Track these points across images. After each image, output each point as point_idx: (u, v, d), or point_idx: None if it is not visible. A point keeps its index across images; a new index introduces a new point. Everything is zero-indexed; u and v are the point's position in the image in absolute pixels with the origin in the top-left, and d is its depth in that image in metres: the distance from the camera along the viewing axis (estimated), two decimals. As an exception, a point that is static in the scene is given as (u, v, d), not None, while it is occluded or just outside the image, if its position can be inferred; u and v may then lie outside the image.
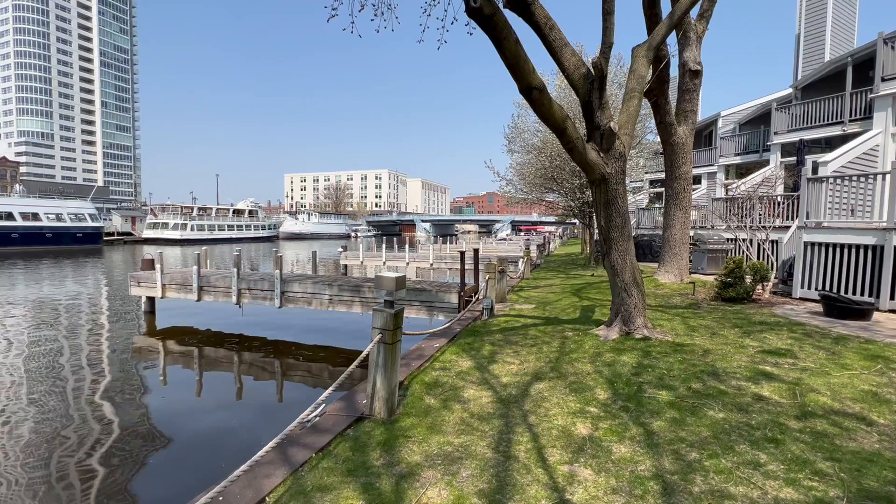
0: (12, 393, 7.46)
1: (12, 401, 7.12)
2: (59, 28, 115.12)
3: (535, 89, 5.41)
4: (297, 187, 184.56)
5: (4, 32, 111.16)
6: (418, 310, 10.32)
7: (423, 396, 4.54)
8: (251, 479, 3.01)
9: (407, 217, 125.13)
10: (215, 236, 65.85)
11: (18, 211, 43.60)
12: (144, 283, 13.08)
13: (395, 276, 4.19)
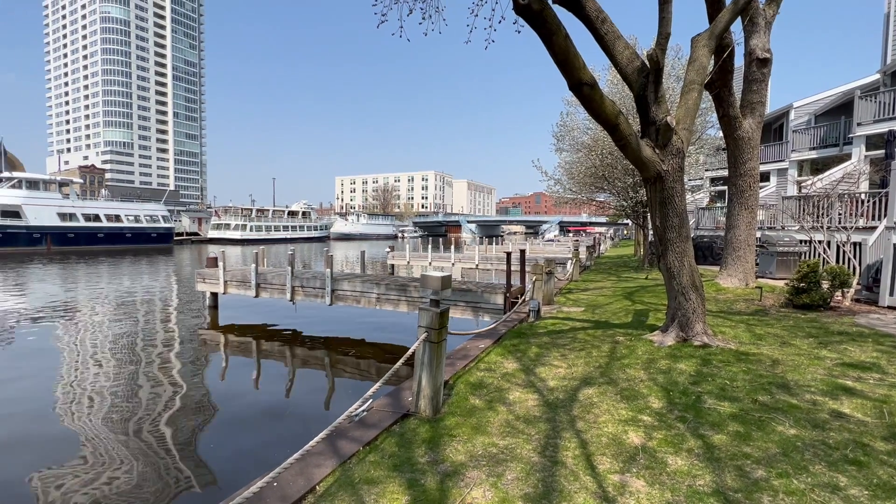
0: (100, 375, 8.27)
1: (100, 381, 7.89)
2: (139, 47, 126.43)
3: (586, 85, 5.24)
4: (346, 189, 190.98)
5: (94, 53, 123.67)
6: (463, 310, 10.33)
7: (468, 396, 4.52)
8: (303, 468, 3.13)
9: (452, 218, 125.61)
10: (272, 236, 69.54)
11: (104, 213, 48.32)
12: (209, 280, 14.04)
13: (440, 275, 4.21)
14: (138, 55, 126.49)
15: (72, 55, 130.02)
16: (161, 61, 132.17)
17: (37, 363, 9.29)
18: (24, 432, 6.10)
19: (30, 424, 6.34)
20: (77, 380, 8.15)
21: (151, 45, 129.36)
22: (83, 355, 9.74)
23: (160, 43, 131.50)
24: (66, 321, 13.17)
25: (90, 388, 7.70)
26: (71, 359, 9.51)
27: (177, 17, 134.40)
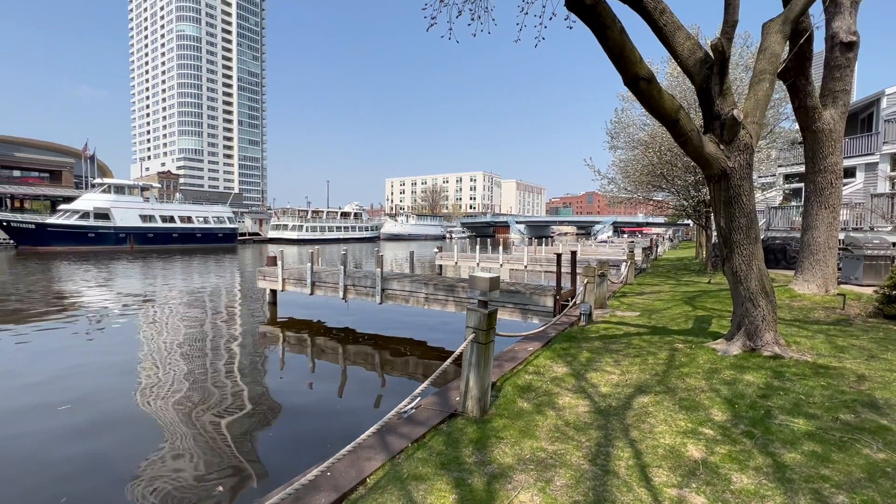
0: (172, 361, 9.04)
1: (172, 367, 8.62)
2: (208, 61, 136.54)
3: (643, 79, 5.02)
4: (396, 191, 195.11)
5: (170, 69, 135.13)
6: (511, 312, 10.22)
7: (516, 399, 4.48)
8: (354, 460, 3.24)
9: (501, 218, 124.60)
10: (325, 237, 72.53)
11: (178, 215, 52.68)
12: (269, 278, 14.89)
13: (488, 276, 4.20)
14: (208, 68, 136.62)
15: (152, 71, 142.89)
16: (227, 73, 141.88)
17: (122, 348, 10.30)
18: (111, 409, 6.78)
19: (115, 401, 7.04)
20: (154, 365, 8.95)
21: (219, 58, 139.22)
22: (159, 343, 10.67)
23: (227, 56, 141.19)
24: (146, 313, 14.50)
25: (164, 372, 8.43)
26: (148, 346, 10.45)
27: (242, 32, 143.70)
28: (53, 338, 11.43)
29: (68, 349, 10.40)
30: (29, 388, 7.70)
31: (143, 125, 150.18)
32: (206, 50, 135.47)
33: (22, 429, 6.15)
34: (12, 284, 20.52)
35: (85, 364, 9.16)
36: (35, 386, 7.78)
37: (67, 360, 9.42)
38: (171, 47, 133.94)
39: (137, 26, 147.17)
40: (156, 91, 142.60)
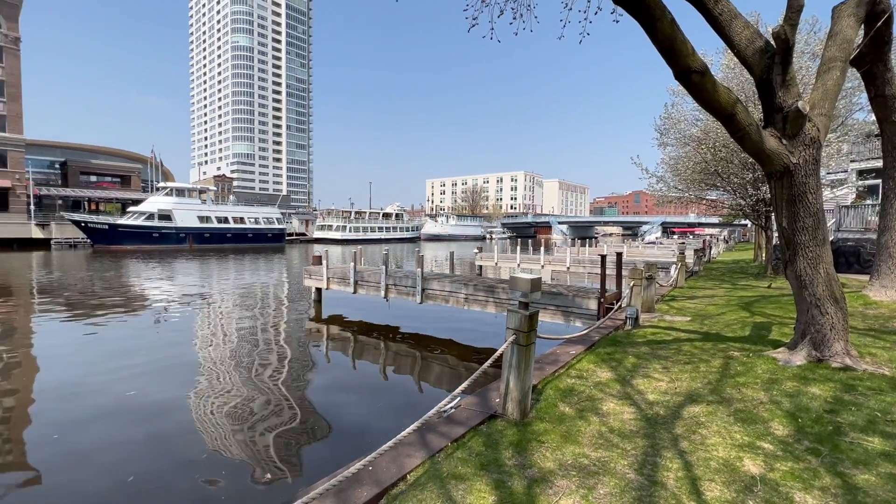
0: (225, 352, 9.59)
1: (225, 357, 9.15)
2: (259, 69, 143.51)
3: (696, 72, 4.77)
4: (436, 191, 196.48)
5: (225, 78, 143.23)
6: (553, 314, 10.02)
7: (557, 403, 4.39)
8: (395, 456, 3.30)
9: (542, 219, 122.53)
10: (368, 237, 74.28)
11: (231, 216, 55.79)
12: (314, 276, 15.45)
13: (529, 277, 4.14)
14: (259, 76, 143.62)
15: (209, 81, 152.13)
16: (277, 80, 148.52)
17: (181, 340, 11.04)
18: (169, 396, 7.28)
19: (174, 389, 7.55)
20: (208, 356, 9.52)
21: (269, 66, 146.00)
22: (214, 336, 11.35)
23: (276, 64, 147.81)
24: (203, 307, 15.46)
25: (217, 364, 8.95)
26: (204, 339, 11.14)
27: (290, 41, 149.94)
28: (124, 329, 12.44)
29: (136, 339, 11.28)
30: (102, 374, 8.41)
31: (200, 132, 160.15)
32: (257, 59, 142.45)
33: (95, 412, 6.73)
34: (91, 280, 22.52)
35: (149, 354, 9.89)
36: (108, 373, 8.49)
37: (135, 350, 10.22)
38: (227, 58, 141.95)
39: (197, 39, 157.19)
40: (212, 100, 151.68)
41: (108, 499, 4.50)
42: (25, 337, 11.58)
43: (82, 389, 7.65)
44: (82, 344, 10.89)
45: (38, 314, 14.25)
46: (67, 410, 6.76)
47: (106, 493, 4.62)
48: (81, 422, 6.36)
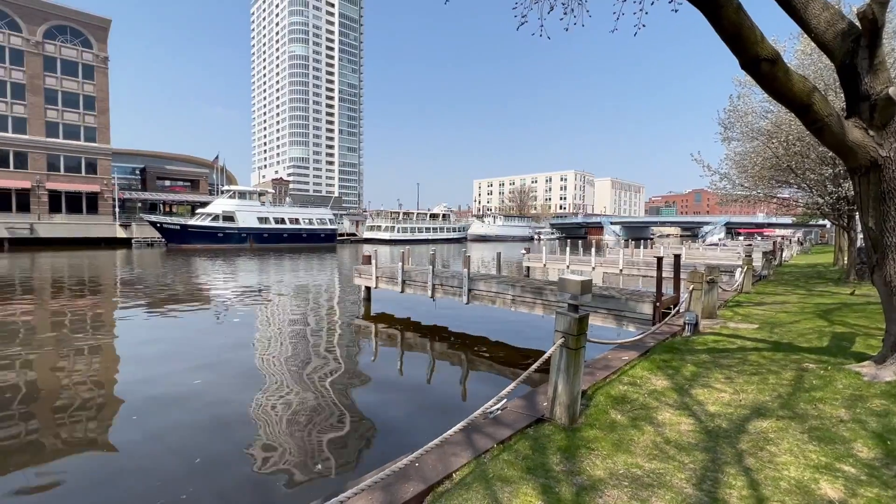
0: (280, 346, 10.11)
1: (280, 350, 9.65)
2: (314, 77, 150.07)
3: (765, 61, 4.42)
4: (483, 192, 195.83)
5: (283, 86, 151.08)
6: (604, 318, 9.67)
7: (608, 410, 4.23)
8: (441, 455, 3.32)
9: (593, 219, 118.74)
10: (415, 237, 75.40)
11: (287, 217, 58.74)
12: (364, 275, 15.91)
13: (579, 279, 4.02)
14: (314, 83, 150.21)
15: (269, 90, 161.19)
16: (330, 87, 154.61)
17: (242, 333, 11.77)
18: (230, 385, 7.78)
19: (235, 379, 8.07)
20: (265, 350, 10.08)
21: (323, 73, 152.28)
22: (271, 331, 12.00)
23: (329, 71, 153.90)
24: (262, 303, 16.39)
25: (273, 358, 9.45)
26: (262, 333, 11.80)
27: (343, 48, 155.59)
28: (192, 321, 13.47)
29: (202, 331, 12.17)
30: (173, 362, 9.15)
31: (260, 137, 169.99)
32: (312, 67, 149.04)
33: (166, 398, 7.33)
34: (165, 276, 24.58)
35: (213, 345, 10.63)
36: (177, 362, 9.22)
37: (201, 341, 11.03)
38: (284, 67, 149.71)
39: (258, 51, 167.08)
40: (271, 107, 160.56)
41: (178, 477, 4.88)
42: (110, 326, 12.84)
43: (156, 375, 8.36)
44: (156, 334, 11.91)
45: (121, 306, 15.74)
46: (143, 395, 7.41)
47: (176, 471, 5.02)
48: (155, 406, 6.95)
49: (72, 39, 51.91)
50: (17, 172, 48.34)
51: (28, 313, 14.00)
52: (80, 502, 4.55)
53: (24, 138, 48.82)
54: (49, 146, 50.33)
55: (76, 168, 52.23)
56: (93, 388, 7.77)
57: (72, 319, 13.21)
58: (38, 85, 49.81)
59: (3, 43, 47.84)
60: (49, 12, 50.20)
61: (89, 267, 28.78)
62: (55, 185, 50.19)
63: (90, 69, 53.17)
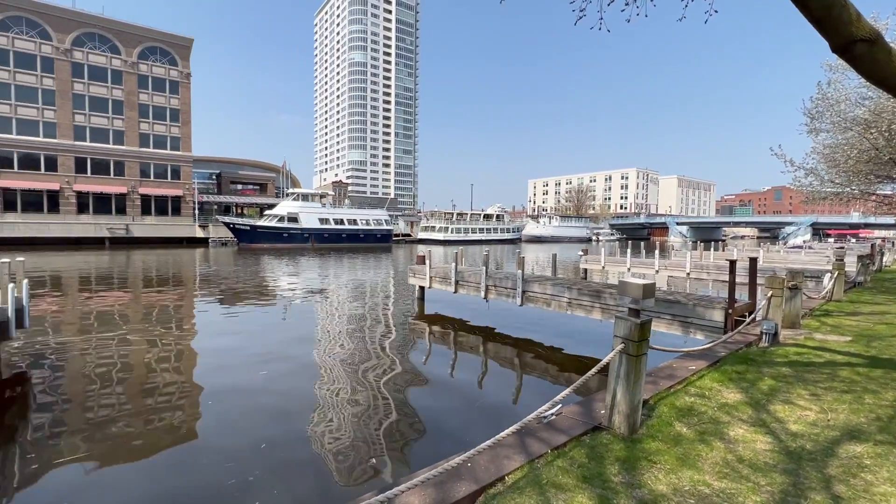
0: (338, 341, 10.55)
1: (338, 345, 10.07)
2: (372, 82, 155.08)
3: (862, 42, 3.93)
4: (539, 192, 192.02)
5: (343, 93, 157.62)
6: (669, 324, 9.10)
7: (673, 422, 3.97)
8: (493, 457, 3.30)
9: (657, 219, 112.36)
10: (469, 238, 75.55)
11: (347, 218, 61.22)
12: (418, 275, 16.18)
13: (641, 282, 3.82)
14: (371, 89, 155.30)
15: (329, 96, 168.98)
16: (387, 91, 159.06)
17: (304, 328, 12.43)
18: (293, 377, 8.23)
19: (296, 373, 8.52)
20: (324, 345, 10.56)
21: (381, 79, 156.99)
22: (330, 326, 12.55)
23: (386, 76, 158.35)
24: (322, 299, 17.20)
25: (331, 353, 9.87)
26: (322, 328, 12.37)
27: (399, 53, 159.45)
28: (260, 315, 14.43)
29: (268, 325, 13.00)
30: (242, 353, 9.85)
31: (322, 142, 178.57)
32: (370, 73, 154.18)
33: (237, 386, 7.90)
34: (236, 273, 26.54)
35: (278, 338, 11.31)
36: (246, 353, 9.91)
37: (267, 334, 11.79)
38: (344, 74, 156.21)
39: (320, 60, 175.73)
40: (331, 113, 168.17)
41: (247, 459, 5.25)
42: (190, 318, 14.08)
43: (228, 365, 9.05)
44: (228, 326, 12.88)
45: (199, 300, 17.21)
46: (218, 382, 8.04)
47: (244, 453, 5.39)
48: (227, 393, 7.52)
49: (161, 59, 57.63)
50: (116, 179, 54.50)
51: (124, 303, 15.72)
52: (168, 476, 5.02)
53: (123, 149, 54.94)
54: (142, 155, 56.25)
55: (163, 174, 57.89)
56: (176, 374, 8.56)
57: (159, 310, 14.65)
58: (134, 101, 55.82)
59: (106, 65, 54.14)
60: (143, 35, 56.11)
61: (173, 263, 31.77)
62: (146, 190, 55.98)
63: (175, 84, 58.72)
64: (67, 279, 22.18)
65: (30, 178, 49.64)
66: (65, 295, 17.49)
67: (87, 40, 53.08)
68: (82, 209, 52.35)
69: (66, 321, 12.82)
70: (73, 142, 52.18)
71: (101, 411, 6.67)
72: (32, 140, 49.99)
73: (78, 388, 7.61)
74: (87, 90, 53.11)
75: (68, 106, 52.00)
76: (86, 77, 53.03)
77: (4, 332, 7.66)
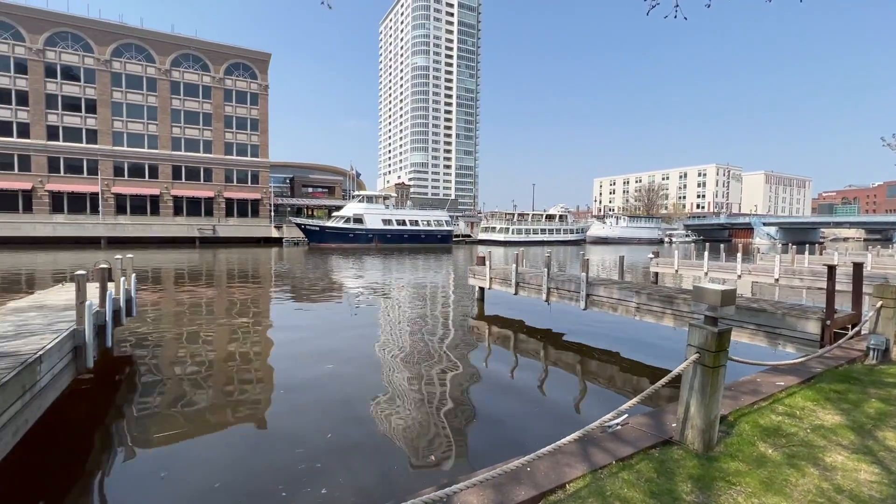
0: (400, 337, 10.84)
1: (399, 341, 10.34)
2: (433, 85, 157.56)
3: None
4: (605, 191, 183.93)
5: (405, 97, 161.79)
6: (753, 334, 8.30)
7: (756, 441, 3.62)
8: (554, 463, 3.21)
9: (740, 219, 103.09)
10: (530, 239, 74.23)
11: (408, 219, 62.77)
12: (478, 276, 16.18)
13: (720, 288, 3.53)
14: (433, 91, 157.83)
15: (393, 100, 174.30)
16: (448, 93, 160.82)
17: (367, 324, 12.92)
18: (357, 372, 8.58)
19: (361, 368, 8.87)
20: (386, 342, 10.89)
21: (442, 81, 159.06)
22: (392, 323, 12.93)
23: (448, 79, 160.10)
24: (385, 297, 17.78)
25: (393, 348, 10.15)
26: (385, 326, 12.77)
27: (461, 54, 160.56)
28: (328, 311, 15.23)
29: (335, 321, 13.69)
30: (311, 347, 10.45)
31: (385, 145, 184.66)
32: (432, 76, 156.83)
33: (305, 378, 8.39)
34: (307, 271, 28.24)
35: (343, 334, 11.86)
36: (314, 347, 10.51)
37: (334, 330, 12.41)
38: (407, 78, 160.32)
39: (385, 66, 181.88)
40: (395, 117, 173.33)
41: (315, 447, 5.56)
42: (266, 312, 15.21)
43: (298, 357, 9.65)
44: (299, 321, 13.73)
45: (274, 295, 18.53)
46: (289, 373, 8.61)
47: (313, 440, 5.72)
48: (297, 382, 8.02)
49: (243, 73, 62.92)
50: (205, 184, 60.36)
51: (211, 296, 17.35)
52: (247, 455, 5.47)
53: (211, 157, 60.77)
54: (226, 162, 61.79)
55: (244, 179, 63.14)
56: (252, 362, 9.29)
57: (240, 303, 15.98)
58: (220, 113, 61.48)
59: (198, 82, 60.16)
60: (229, 53, 61.63)
61: (252, 261, 34.50)
62: (229, 194, 61.39)
63: (255, 96, 63.77)
64: (165, 274, 24.92)
65: (136, 185, 56.57)
66: (163, 288, 19.66)
67: (183, 60, 59.35)
68: (178, 212, 58.63)
69: (164, 311, 14.41)
70: (171, 151, 58.59)
71: (190, 392, 7.41)
72: (139, 151, 56.91)
73: (172, 370, 8.52)
74: (182, 105, 59.44)
75: (167, 120, 58.52)
76: (181, 93, 59.35)
77: (117, 319, 8.76)
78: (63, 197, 53.34)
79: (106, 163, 55.16)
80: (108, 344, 7.90)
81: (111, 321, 7.97)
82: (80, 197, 54.12)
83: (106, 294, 7.73)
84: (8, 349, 5.33)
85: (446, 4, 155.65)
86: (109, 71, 55.32)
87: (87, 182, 54.26)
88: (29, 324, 6.78)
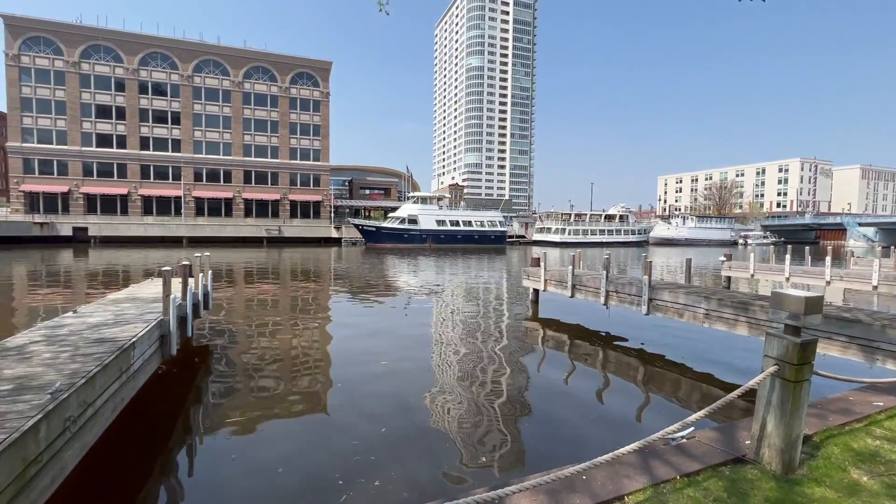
0: (453, 337, 10.90)
1: (453, 341, 10.40)
2: (488, 85, 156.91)
3: None
4: (671, 189, 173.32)
5: (460, 98, 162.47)
6: (844, 347, 7.43)
7: (847, 466, 3.25)
8: (611, 473, 3.08)
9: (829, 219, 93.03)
10: (588, 240, 71.72)
11: (461, 219, 63.01)
12: (532, 278, 15.88)
13: (804, 295, 3.20)
14: (487, 91, 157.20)
15: (447, 102, 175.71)
16: (503, 93, 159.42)
17: (421, 323, 13.13)
18: (409, 369, 8.74)
19: (414, 364, 9.03)
20: (440, 341, 10.99)
21: (497, 81, 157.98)
22: (446, 323, 13.03)
23: (503, 78, 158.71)
24: (439, 297, 17.98)
25: (447, 348, 10.22)
26: (438, 325, 12.90)
27: (516, 53, 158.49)
28: (384, 309, 15.67)
29: (391, 319, 14.05)
30: (368, 344, 10.80)
31: (440, 147, 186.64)
32: (486, 76, 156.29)
33: (362, 373, 8.69)
34: (364, 270, 29.24)
35: (398, 332, 12.14)
36: (371, 343, 10.85)
37: (389, 328, 12.74)
38: (462, 79, 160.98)
39: (440, 67, 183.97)
40: (449, 118, 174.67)
41: (370, 440, 5.75)
42: (325, 309, 15.94)
43: (355, 352, 10.01)
44: (356, 319, 14.25)
45: (333, 293, 19.37)
46: (347, 368, 8.96)
47: (368, 433, 5.91)
48: (355, 378, 8.32)
49: (306, 82, 66.55)
50: (272, 188, 64.53)
51: (277, 293, 18.49)
52: (307, 444, 5.77)
53: (277, 162, 64.91)
54: (291, 167, 65.66)
55: (307, 182, 66.73)
56: (313, 355, 9.78)
57: (303, 300, 16.89)
58: (286, 120, 65.44)
59: (266, 92, 64.47)
60: (294, 63, 65.46)
61: (314, 260, 36.32)
62: (294, 197, 65.16)
63: (318, 103, 67.17)
64: (236, 271, 26.91)
65: (213, 189, 61.70)
66: (235, 284, 21.25)
67: (254, 72, 63.89)
68: (248, 213, 63.19)
69: (235, 305, 15.56)
70: (243, 158, 63.26)
71: (258, 380, 7.94)
72: (216, 158, 62.04)
73: (241, 360, 9.17)
74: (252, 114, 64.03)
75: (240, 128, 63.28)
76: (252, 103, 63.93)
77: (196, 311, 9.60)
78: (152, 200, 59.52)
79: (187, 169, 60.73)
80: (189, 334, 8.68)
81: (191, 313, 8.75)
82: (166, 200, 60.09)
83: (187, 288, 8.50)
84: (108, 335, 6.02)
85: (501, 3, 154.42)
86: (191, 85, 60.84)
87: (171, 187, 60.09)
88: (125, 314, 7.62)
